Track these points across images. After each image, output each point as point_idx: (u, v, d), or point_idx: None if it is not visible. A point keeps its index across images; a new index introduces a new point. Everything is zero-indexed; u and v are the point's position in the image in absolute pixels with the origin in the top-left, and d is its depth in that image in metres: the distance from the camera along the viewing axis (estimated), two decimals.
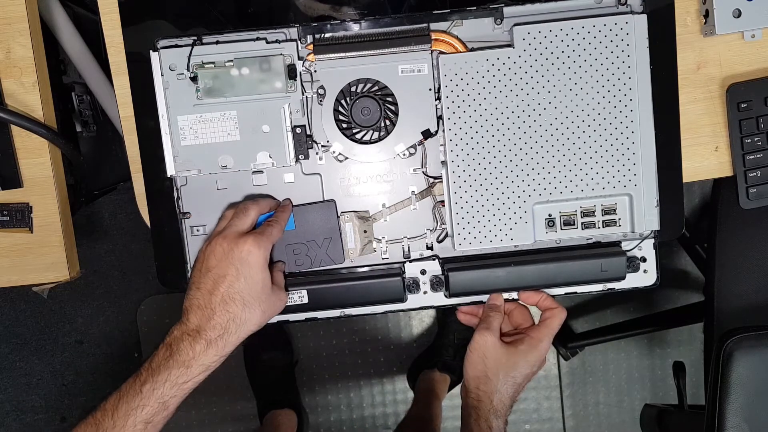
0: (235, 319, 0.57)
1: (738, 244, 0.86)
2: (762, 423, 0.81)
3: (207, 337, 0.57)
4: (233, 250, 0.58)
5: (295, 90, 0.66)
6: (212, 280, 0.58)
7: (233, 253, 0.58)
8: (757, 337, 0.81)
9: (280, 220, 0.64)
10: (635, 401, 1.48)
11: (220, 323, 0.57)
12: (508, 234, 0.66)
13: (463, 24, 0.66)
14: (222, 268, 0.58)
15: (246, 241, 0.58)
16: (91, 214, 1.46)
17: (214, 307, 0.57)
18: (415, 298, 0.70)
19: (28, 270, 0.72)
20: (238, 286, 0.58)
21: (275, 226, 0.63)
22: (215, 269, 0.58)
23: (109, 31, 0.70)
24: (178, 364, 0.56)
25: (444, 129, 0.66)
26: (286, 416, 1.36)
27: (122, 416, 0.55)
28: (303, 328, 1.46)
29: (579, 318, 1.47)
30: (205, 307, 0.57)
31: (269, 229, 0.62)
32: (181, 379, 0.56)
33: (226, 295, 0.57)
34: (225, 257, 0.58)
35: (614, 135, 0.65)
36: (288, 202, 0.67)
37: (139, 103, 0.69)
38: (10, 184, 0.71)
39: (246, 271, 0.58)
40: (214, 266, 0.58)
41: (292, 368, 1.45)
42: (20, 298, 1.48)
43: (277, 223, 0.63)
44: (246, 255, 0.58)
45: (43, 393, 1.52)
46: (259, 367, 1.41)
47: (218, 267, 0.58)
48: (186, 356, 0.56)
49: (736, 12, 0.70)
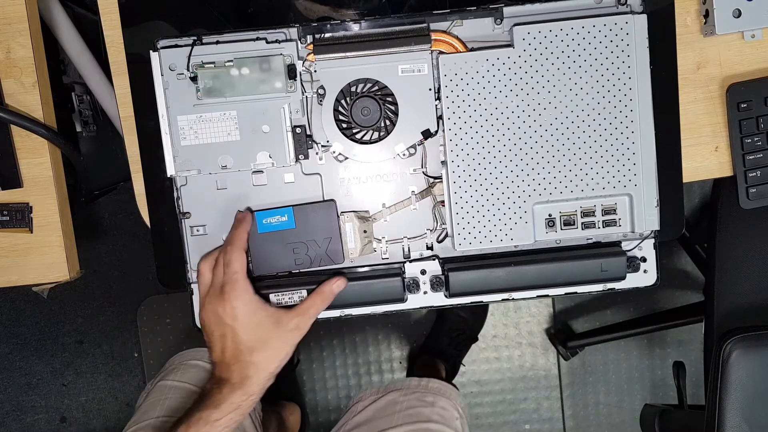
0: (250, 365, 0.61)
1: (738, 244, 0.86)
2: (762, 423, 0.81)
3: (231, 383, 0.61)
4: (219, 311, 0.62)
5: (295, 90, 0.66)
6: (219, 341, 0.62)
7: (224, 315, 0.61)
8: (757, 337, 0.81)
9: (236, 239, 0.64)
10: (635, 401, 1.48)
11: (237, 372, 0.61)
12: (508, 234, 0.66)
13: (463, 24, 0.66)
14: (220, 329, 0.62)
15: (227, 299, 0.61)
16: (91, 214, 1.46)
17: (229, 363, 0.62)
18: (415, 298, 0.70)
19: (28, 270, 0.72)
20: (240, 339, 0.61)
21: (234, 247, 0.63)
22: (216, 332, 0.62)
23: (109, 31, 0.70)
24: (208, 405, 0.61)
25: (444, 129, 0.66)
26: (289, 408, 1.36)
27: None
28: None
29: (579, 318, 1.47)
30: (221, 363, 0.62)
31: (234, 263, 0.62)
32: (213, 416, 0.60)
33: (234, 350, 0.62)
34: (218, 320, 0.62)
35: (614, 135, 0.65)
36: (244, 214, 0.67)
37: (139, 103, 0.69)
38: (10, 184, 0.71)
39: (240, 326, 0.61)
40: (214, 330, 0.62)
41: (293, 369, 1.45)
42: (20, 298, 1.49)
43: (233, 242, 0.63)
44: (232, 311, 0.61)
45: (43, 393, 1.52)
46: None
47: (217, 329, 0.62)
48: (215, 399, 0.61)
49: (736, 12, 0.70)
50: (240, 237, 0.64)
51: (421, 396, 0.91)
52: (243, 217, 0.66)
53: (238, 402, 0.61)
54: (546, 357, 1.48)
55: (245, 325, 0.61)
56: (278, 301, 0.67)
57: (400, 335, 1.47)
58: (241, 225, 0.65)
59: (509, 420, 1.49)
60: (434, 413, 0.88)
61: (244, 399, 0.61)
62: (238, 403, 0.61)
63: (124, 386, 1.51)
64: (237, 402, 0.61)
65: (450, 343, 1.39)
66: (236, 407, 0.61)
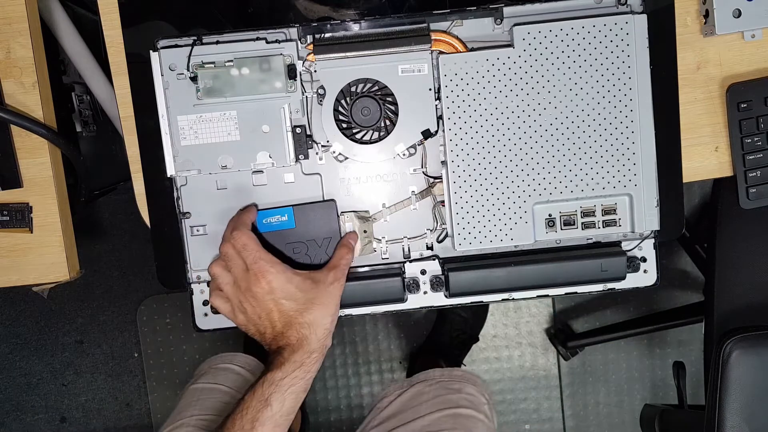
0: (304, 325, 0.62)
1: (738, 244, 0.86)
2: (761, 423, 0.81)
3: (290, 345, 0.62)
4: (256, 292, 0.62)
5: (295, 90, 0.66)
6: (266, 320, 0.62)
7: (261, 294, 0.61)
8: (756, 337, 0.81)
9: (239, 223, 0.64)
10: (635, 401, 1.48)
11: (294, 334, 0.62)
12: (508, 234, 0.66)
13: (463, 24, 0.66)
14: (263, 309, 0.62)
15: (259, 279, 0.61)
16: (91, 214, 1.46)
17: (283, 330, 0.62)
18: (415, 298, 0.70)
19: (28, 270, 0.72)
20: (285, 308, 0.62)
21: (241, 231, 0.63)
22: (262, 313, 0.62)
23: (109, 31, 0.70)
24: (271, 369, 0.61)
25: (444, 129, 0.66)
26: None
27: (229, 424, 0.60)
28: None
29: (579, 318, 1.47)
30: (276, 335, 0.62)
31: (249, 244, 0.62)
32: (277, 377, 0.60)
33: (284, 319, 0.62)
34: (258, 302, 0.62)
35: (614, 135, 0.65)
36: (248, 206, 0.67)
37: (139, 103, 0.69)
38: (10, 184, 0.71)
39: (280, 297, 0.62)
40: (259, 313, 0.62)
41: None
42: (20, 298, 1.49)
43: (237, 227, 0.63)
44: (268, 286, 0.61)
45: (43, 393, 1.52)
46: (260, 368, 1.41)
47: (261, 310, 0.62)
48: (277, 361, 0.61)
49: (736, 12, 0.70)
50: (243, 221, 0.64)
51: (447, 384, 0.91)
52: (248, 207, 0.67)
53: (300, 360, 0.61)
54: (546, 357, 1.48)
55: (285, 294, 0.61)
56: None
57: (400, 335, 1.47)
58: (244, 212, 0.65)
59: (509, 420, 1.49)
60: (462, 399, 0.88)
61: (306, 357, 0.61)
62: (301, 360, 0.61)
63: (124, 386, 1.51)
64: (299, 360, 0.61)
65: (450, 343, 1.39)
66: (299, 365, 0.61)
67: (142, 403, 1.51)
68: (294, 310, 0.62)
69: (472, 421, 0.85)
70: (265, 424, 0.60)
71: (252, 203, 0.68)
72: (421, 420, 0.85)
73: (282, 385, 0.60)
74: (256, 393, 0.60)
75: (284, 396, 0.60)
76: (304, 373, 0.61)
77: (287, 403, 0.60)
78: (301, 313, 0.62)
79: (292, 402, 0.61)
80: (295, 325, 0.61)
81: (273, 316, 0.62)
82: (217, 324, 0.70)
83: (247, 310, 0.62)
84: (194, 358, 1.47)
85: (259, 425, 0.59)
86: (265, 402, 0.60)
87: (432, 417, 0.85)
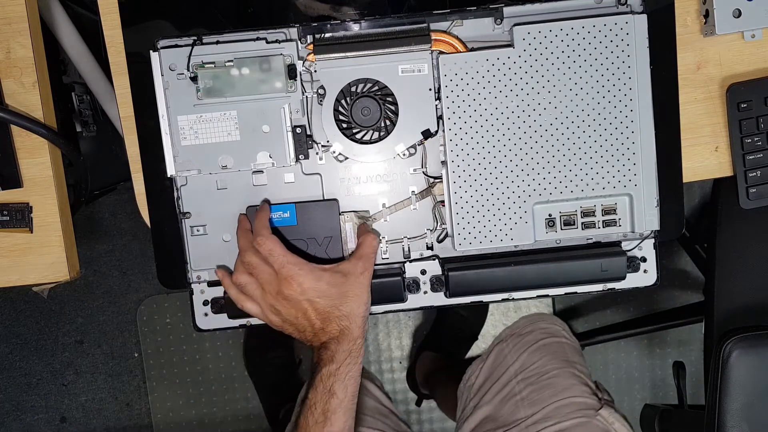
0: (342, 317, 0.63)
1: (738, 244, 0.86)
2: (762, 423, 0.81)
3: (334, 337, 0.63)
4: (289, 295, 0.63)
5: (295, 90, 0.66)
6: (304, 319, 0.64)
7: (295, 296, 0.62)
8: (757, 337, 0.81)
9: (261, 229, 0.64)
10: (635, 401, 1.48)
11: (335, 327, 0.63)
12: (508, 234, 0.66)
13: (463, 24, 0.66)
14: (299, 310, 0.63)
15: (290, 281, 0.62)
16: (91, 214, 1.46)
17: (323, 326, 0.63)
18: (415, 298, 0.70)
19: (28, 270, 0.72)
20: (320, 305, 0.63)
21: (264, 237, 0.63)
22: (298, 314, 0.63)
23: (109, 31, 0.70)
24: (323, 365, 0.63)
25: (444, 129, 0.66)
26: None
27: (302, 422, 0.63)
28: None
29: (579, 318, 1.47)
30: (317, 332, 0.64)
31: (275, 249, 0.63)
32: (332, 368, 0.63)
33: (321, 316, 0.63)
34: (292, 304, 0.63)
35: (614, 135, 0.65)
36: (262, 204, 0.68)
37: (139, 103, 0.69)
38: (10, 184, 0.71)
39: (314, 295, 0.63)
40: (296, 314, 0.63)
41: (296, 368, 1.44)
42: (20, 298, 1.49)
43: (260, 233, 0.64)
44: (299, 288, 0.62)
45: (43, 393, 1.52)
46: (261, 368, 1.41)
47: (297, 311, 0.63)
48: (326, 356, 0.63)
49: (736, 12, 0.70)
50: (263, 223, 0.65)
51: (520, 332, 0.94)
52: (262, 207, 0.67)
53: (348, 348, 0.63)
54: None
55: (318, 293, 0.63)
56: None
57: (400, 335, 1.47)
58: (261, 213, 0.66)
59: None
60: (539, 334, 0.91)
61: (352, 344, 0.63)
62: (349, 349, 0.63)
63: (124, 386, 1.51)
64: (347, 348, 0.63)
65: (451, 342, 1.39)
66: (348, 353, 0.63)
67: (142, 403, 1.51)
68: (330, 306, 0.63)
69: (557, 345, 0.89)
70: (336, 412, 0.62)
71: (264, 201, 0.68)
72: (512, 367, 0.88)
73: (339, 374, 0.63)
74: (318, 388, 0.63)
75: (345, 383, 0.63)
76: (355, 359, 0.64)
77: (349, 389, 0.63)
78: (337, 307, 0.63)
79: (354, 387, 0.64)
80: (334, 319, 0.63)
81: (310, 315, 0.63)
82: (217, 324, 0.70)
83: (281, 311, 0.63)
84: (194, 358, 1.47)
85: (332, 414, 0.62)
86: (329, 393, 0.62)
87: (521, 360, 0.88)
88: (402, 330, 1.46)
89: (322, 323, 0.63)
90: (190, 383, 1.49)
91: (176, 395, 1.49)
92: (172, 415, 1.50)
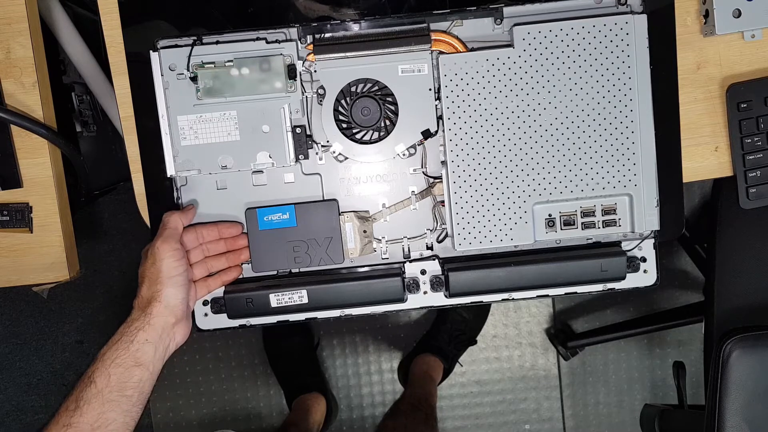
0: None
1: (738, 244, 0.86)
2: (762, 423, 0.81)
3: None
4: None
5: (295, 90, 0.66)
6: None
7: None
8: (756, 337, 0.81)
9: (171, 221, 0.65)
10: (635, 401, 1.48)
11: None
12: (508, 234, 0.66)
13: (463, 24, 0.66)
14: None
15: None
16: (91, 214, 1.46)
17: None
18: (415, 298, 0.70)
19: (28, 270, 0.72)
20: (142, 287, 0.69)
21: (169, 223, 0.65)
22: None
23: (109, 31, 0.70)
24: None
25: (444, 129, 0.66)
26: (314, 399, 1.35)
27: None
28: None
29: (579, 318, 1.47)
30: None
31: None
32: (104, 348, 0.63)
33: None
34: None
35: (614, 135, 0.65)
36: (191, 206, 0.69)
37: (139, 103, 0.69)
38: (10, 184, 0.71)
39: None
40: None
41: (314, 350, 1.44)
42: (20, 298, 1.48)
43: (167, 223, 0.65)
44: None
45: (43, 393, 1.52)
46: (281, 354, 1.41)
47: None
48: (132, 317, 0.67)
49: (736, 12, 0.70)
50: (184, 216, 0.66)
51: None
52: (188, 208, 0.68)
53: (121, 330, 0.68)
54: (546, 357, 1.48)
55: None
56: (278, 302, 0.67)
57: (400, 335, 1.47)
58: (185, 212, 0.67)
59: (509, 420, 1.49)
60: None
61: (125, 326, 0.68)
62: (122, 331, 0.68)
63: None
64: (120, 330, 0.68)
65: (449, 342, 1.39)
66: (121, 334, 0.67)
67: None
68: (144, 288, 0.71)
69: None
70: (91, 402, 0.61)
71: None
72: None
73: (106, 358, 0.63)
74: (89, 370, 0.63)
75: (109, 371, 0.62)
76: (126, 345, 0.65)
77: (113, 378, 0.62)
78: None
79: (119, 376, 0.62)
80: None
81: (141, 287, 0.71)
82: (217, 324, 0.70)
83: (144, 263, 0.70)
84: (194, 358, 1.47)
85: (84, 403, 0.62)
86: (89, 380, 0.62)
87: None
88: (402, 330, 1.46)
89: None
90: (190, 383, 1.49)
91: (176, 395, 1.49)
92: (172, 415, 1.50)
